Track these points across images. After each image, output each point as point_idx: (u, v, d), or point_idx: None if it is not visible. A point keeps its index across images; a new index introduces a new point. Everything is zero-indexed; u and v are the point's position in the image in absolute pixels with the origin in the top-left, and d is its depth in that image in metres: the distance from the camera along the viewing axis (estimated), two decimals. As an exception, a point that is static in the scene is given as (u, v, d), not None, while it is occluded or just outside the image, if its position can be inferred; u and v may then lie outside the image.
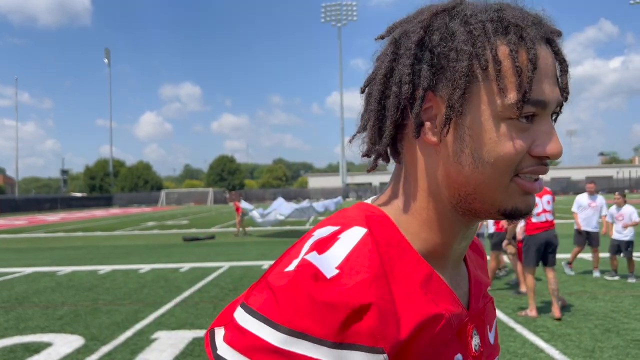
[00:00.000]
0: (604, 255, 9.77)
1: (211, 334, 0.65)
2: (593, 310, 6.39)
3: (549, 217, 6.43)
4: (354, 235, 0.64)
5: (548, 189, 6.58)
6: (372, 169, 0.76)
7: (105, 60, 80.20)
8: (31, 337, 5.83)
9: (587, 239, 8.91)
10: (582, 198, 9.01)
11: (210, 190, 74.57)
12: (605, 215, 8.88)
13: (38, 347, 5.42)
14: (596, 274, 8.70)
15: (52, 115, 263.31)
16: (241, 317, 0.61)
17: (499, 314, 6.36)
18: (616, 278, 8.47)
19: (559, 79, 0.68)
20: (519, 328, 5.74)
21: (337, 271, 0.59)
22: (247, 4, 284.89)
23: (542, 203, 6.44)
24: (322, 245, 0.62)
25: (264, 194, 72.15)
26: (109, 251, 14.52)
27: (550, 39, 0.67)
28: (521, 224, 7.53)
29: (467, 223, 0.71)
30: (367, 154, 0.74)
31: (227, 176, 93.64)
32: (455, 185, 0.67)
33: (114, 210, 51.86)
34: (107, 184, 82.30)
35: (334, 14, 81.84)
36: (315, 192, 73.29)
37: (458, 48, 0.64)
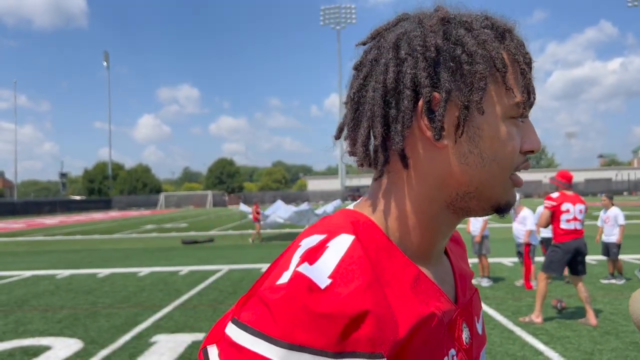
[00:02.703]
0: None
1: (204, 353, 0.63)
2: (594, 315, 6.38)
3: (579, 225, 6.17)
4: (342, 242, 0.63)
5: (582, 198, 6.41)
6: (380, 176, 0.73)
7: (105, 63, 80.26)
8: (30, 340, 5.82)
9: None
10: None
11: (209, 193, 74.50)
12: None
13: (37, 351, 5.41)
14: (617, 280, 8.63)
15: (49, 118, 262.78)
16: (235, 333, 0.59)
17: (499, 316, 6.36)
18: (613, 281, 8.47)
19: None
20: (518, 331, 5.74)
21: (330, 280, 0.58)
22: (245, 7, 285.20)
23: (575, 211, 6.17)
24: (312, 256, 0.62)
25: (263, 197, 72.03)
26: (108, 254, 14.51)
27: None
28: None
29: (455, 222, 0.73)
30: (362, 163, 0.73)
31: (226, 179, 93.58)
32: (455, 185, 0.68)
33: (113, 214, 51.81)
34: (106, 187, 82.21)
35: (333, 16, 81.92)
36: (314, 194, 73.29)
37: (472, 51, 0.65)
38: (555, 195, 6.25)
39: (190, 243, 17.08)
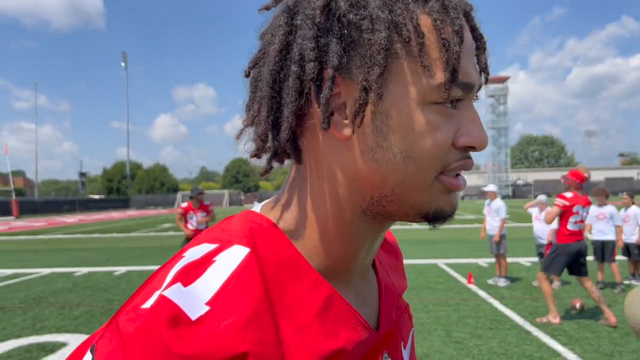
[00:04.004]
0: None
1: None
2: (612, 314, 6.26)
3: (582, 227, 6.13)
4: (233, 257, 0.51)
5: (590, 200, 6.30)
6: (267, 172, 0.61)
7: (123, 64, 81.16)
8: (47, 337, 5.89)
9: None
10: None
11: (226, 192, 74.98)
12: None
13: (53, 347, 5.47)
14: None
15: (68, 118, 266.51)
16: None
17: (515, 317, 6.27)
18: (633, 282, 8.31)
19: (477, 59, 0.58)
20: (535, 331, 5.64)
21: (206, 309, 0.47)
22: (260, 5, 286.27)
23: (583, 213, 6.09)
24: (190, 274, 0.49)
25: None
26: (125, 252, 14.65)
27: (467, 11, 0.57)
28: (554, 226, 7.09)
29: (376, 230, 0.60)
30: (257, 154, 0.58)
31: (243, 178, 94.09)
32: (368, 187, 0.55)
33: (131, 212, 52.40)
34: (124, 186, 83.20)
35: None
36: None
37: (373, 16, 0.51)
38: (569, 195, 6.11)
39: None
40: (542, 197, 8.80)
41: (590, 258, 8.57)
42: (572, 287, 7.82)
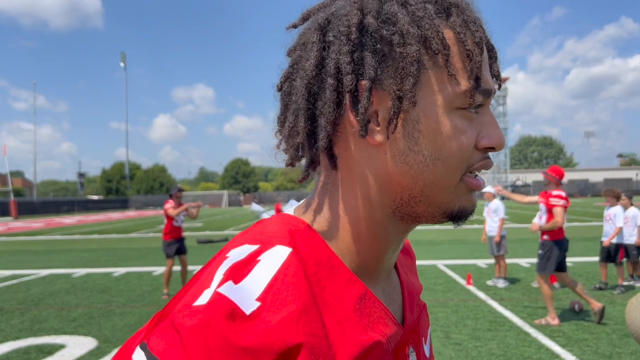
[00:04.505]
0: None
1: None
2: (611, 315, 6.27)
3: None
4: (277, 256, 0.55)
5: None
6: (305, 178, 0.65)
7: (122, 64, 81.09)
8: (45, 338, 5.88)
9: None
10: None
11: (225, 192, 74.86)
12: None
13: (52, 349, 5.46)
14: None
15: (67, 119, 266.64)
16: None
17: (514, 318, 6.27)
18: (632, 282, 8.32)
19: (491, 67, 0.63)
20: (534, 333, 5.64)
21: (258, 304, 0.50)
22: (261, 6, 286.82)
23: (567, 209, 6.20)
24: (239, 272, 0.53)
25: (278, 197, 72.29)
26: (124, 253, 14.63)
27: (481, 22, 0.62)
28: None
29: (403, 230, 0.64)
30: (292, 163, 0.63)
31: (242, 179, 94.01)
32: (398, 189, 0.60)
33: (130, 213, 52.34)
34: (123, 187, 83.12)
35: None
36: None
37: (404, 31, 0.56)
38: (563, 193, 6.12)
39: (205, 242, 17.14)
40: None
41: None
42: (569, 289, 7.81)
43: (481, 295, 7.65)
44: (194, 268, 11.12)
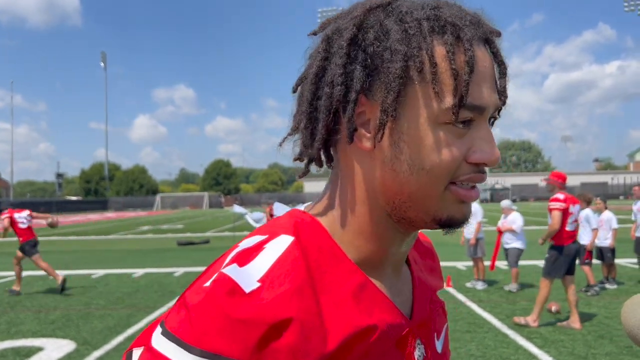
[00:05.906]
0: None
1: (128, 356, 0.61)
2: (586, 317, 6.40)
3: (576, 226, 6.17)
4: (280, 244, 0.61)
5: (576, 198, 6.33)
6: (304, 174, 0.72)
7: (102, 64, 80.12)
8: (22, 341, 5.79)
9: None
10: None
11: (206, 194, 74.39)
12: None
13: (29, 352, 5.38)
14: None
15: (45, 118, 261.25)
16: (157, 339, 0.57)
17: (493, 320, 6.36)
18: (607, 285, 8.47)
19: (498, 82, 0.65)
20: (512, 334, 5.74)
21: (258, 284, 0.56)
22: (242, 7, 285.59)
23: (576, 213, 6.10)
24: (245, 257, 0.59)
25: (260, 199, 71.98)
26: (103, 255, 14.47)
27: (489, 39, 0.64)
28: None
29: (403, 233, 0.68)
30: (298, 158, 0.71)
31: (223, 180, 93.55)
32: (390, 193, 0.64)
33: (110, 214, 51.72)
34: (103, 188, 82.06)
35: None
36: (311, 196, 73.10)
37: (392, 48, 0.59)
38: (561, 196, 6.08)
39: (185, 244, 17.03)
40: (505, 203, 8.89)
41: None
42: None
43: (460, 297, 7.74)
44: (175, 270, 11.05)
